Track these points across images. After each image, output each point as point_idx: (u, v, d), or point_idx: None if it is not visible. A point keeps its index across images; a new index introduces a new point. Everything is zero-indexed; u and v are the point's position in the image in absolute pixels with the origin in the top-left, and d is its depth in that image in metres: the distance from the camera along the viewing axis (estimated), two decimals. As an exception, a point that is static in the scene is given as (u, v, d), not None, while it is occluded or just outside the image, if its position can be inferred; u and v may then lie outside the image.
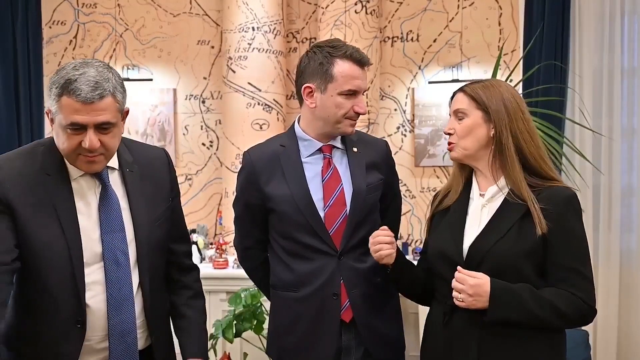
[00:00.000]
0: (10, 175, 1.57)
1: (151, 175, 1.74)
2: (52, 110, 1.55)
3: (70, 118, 1.50)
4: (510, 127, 1.72)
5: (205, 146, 4.45)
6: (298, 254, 1.97)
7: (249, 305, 3.10)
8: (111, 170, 1.68)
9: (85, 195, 1.63)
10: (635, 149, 3.74)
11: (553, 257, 1.66)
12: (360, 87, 1.94)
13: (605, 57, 3.74)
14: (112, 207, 1.64)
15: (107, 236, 1.62)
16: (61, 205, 1.58)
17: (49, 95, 1.56)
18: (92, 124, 1.52)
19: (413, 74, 4.32)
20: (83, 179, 1.63)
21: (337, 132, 1.98)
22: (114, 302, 1.62)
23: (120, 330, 1.64)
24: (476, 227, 1.74)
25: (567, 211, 1.67)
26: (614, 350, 3.74)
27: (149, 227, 1.69)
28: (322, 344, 1.96)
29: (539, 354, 1.67)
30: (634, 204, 3.76)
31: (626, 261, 3.76)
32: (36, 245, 1.56)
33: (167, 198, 1.79)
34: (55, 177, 1.60)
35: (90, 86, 1.50)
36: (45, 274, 1.58)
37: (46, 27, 4.35)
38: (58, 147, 1.59)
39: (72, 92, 1.49)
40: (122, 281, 1.64)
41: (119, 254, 1.63)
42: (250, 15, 4.00)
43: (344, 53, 1.92)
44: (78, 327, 1.60)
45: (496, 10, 4.22)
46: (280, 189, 1.97)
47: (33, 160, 1.62)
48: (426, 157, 4.26)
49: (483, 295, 1.63)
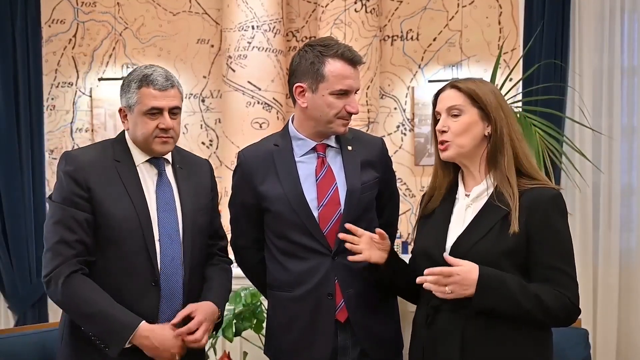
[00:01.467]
0: (88, 162, 1.89)
1: (196, 175, 2.06)
2: (129, 104, 1.91)
3: (150, 103, 1.87)
4: (507, 125, 1.71)
5: (205, 145, 4.44)
6: (293, 254, 1.97)
7: (249, 304, 3.10)
8: (166, 162, 2.00)
9: (146, 179, 1.95)
10: (636, 148, 3.73)
11: (537, 257, 1.65)
12: (352, 87, 1.92)
13: (606, 55, 3.73)
14: (166, 191, 1.96)
15: (163, 214, 1.92)
16: (130, 186, 1.90)
17: (125, 92, 1.92)
18: (167, 108, 1.90)
19: (413, 73, 4.32)
20: (144, 166, 1.96)
21: (329, 131, 1.97)
22: (166, 270, 1.90)
23: (169, 294, 1.92)
24: (460, 227, 1.73)
25: (551, 211, 1.66)
26: (613, 349, 3.73)
27: (194, 213, 1.98)
28: (317, 344, 1.95)
29: (524, 350, 1.66)
30: (634, 203, 3.75)
31: (626, 260, 3.75)
32: (112, 219, 1.86)
33: (209, 195, 2.09)
34: (124, 162, 1.93)
35: (163, 77, 1.91)
36: (123, 243, 1.87)
37: (45, 26, 4.34)
38: (136, 135, 1.93)
39: (150, 83, 1.88)
40: (174, 254, 1.92)
41: (171, 230, 1.92)
42: (250, 14, 4.00)
43: (336, 52, 1.90)
44: (153, 285, 1.89)
45: (496, 9, 4.22)
46: (274, 188, 1.96)
47: (104, 150, 1.96)
48: (426, 156, 4.26)
49: (470, 282, 1.61)
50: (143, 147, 1.95)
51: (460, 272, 1.61)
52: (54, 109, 4.41)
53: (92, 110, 4.35)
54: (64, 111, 4.42)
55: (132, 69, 1.97)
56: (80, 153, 1.97)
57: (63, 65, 4.42)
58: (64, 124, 4.42)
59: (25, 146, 3.98)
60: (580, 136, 3.71)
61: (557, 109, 3.54)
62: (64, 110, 4.42)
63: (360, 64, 1.95)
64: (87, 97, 4.39)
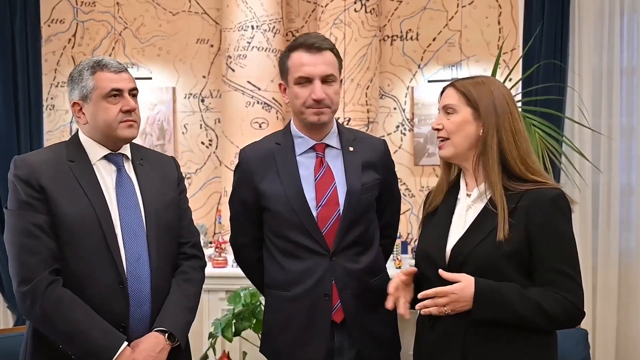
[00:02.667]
0: (38, 162, 1.81)
1: (159, 170, 1.99)
2: (84, 94, 1.83)
3: (109, 85, 1.82)
4: (496, 127, 1.67)
5: (205, 145, 4.44)
6: (291, 253, 1.97)
7: (248, 304, 3.10)
8: (125, 159, 1.92)
9: (104, 177, 1.87)
10: (635, 148, 3.73)
11: (539, 260, 1.62)
12: (311, 73, 1.92)
13: (605, 56, 3.73)
14: (126, 187, 1.88)
15: (124, 211, 1.84)
16: (87, 185, 1.82)
17: (77, 83, 1.85)
18: (126, 89, 1.85)
19: (412, 73, 4.32)
20: (101, 163, 1.88)
21: (306, 122, 1.97)
22: (132, 269, 1.82)
23: (137, 294, 1.83)
24: (461, 229, 1.71)
25: (552, 211, 1.62)
26: (612, 348, 3.74)
27: (157, 207, 1.90)
28: (313, 344, 1.95)
29: (526, 356, 1.63)
30: (633, 203, 3.75)
31: (625, 260, 3.76)
32: (69, 220, 1.77)
33: (175, 189, 2.01)
34: (78, 162, 1.85)
35: (115, 61, 1.87)
36: (81, 244, 1.78)
37: (45, 26, 4.34)
38: (97, 125, 1.84)
39: (105, 67, 1.84)
40: (140, 252, 1.84)
41: (136, 227, 1.85)
42: (250, 13, 4.00)
43: (296, 43, 1.96)
44: (120, 287, 1.80)
45: (496, 9, 4.22)
46: (274, 187, 1.96)
47: (57, 151, 1.88)
48: (425, 156, 4.26)
49: (467, 298, 1.60)
50: (106, 138, 1.86)
51: (456, 291, 1.60)
52: (54, 109, 4.41)
53: (92, 110, 4.35)
54: (63, 111, 4.42)
55: (76, 66, 1.90)
56: (30, 155, 1.88)
57: (62, 65, 4.42)
58: (63, 124, 4.42)
59: (25, 146, 3.97)
60: (579, 136, 3.71)
61: (556, 109, 3.54)
62: (63, 110, 4.41)
63: (323, 49, 1.93)
64: (87, 96, 4.39)
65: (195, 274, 2.00)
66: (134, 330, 1.83)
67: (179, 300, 1.90)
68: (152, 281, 1.85)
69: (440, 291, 1.61)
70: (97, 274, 1.78)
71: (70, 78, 1.88)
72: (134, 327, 1.83)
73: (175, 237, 1.97)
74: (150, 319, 1.86)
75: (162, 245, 1.89)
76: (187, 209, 2.07)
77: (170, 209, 1.95)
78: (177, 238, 1.97)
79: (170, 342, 1.84)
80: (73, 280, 1.77)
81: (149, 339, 1.81)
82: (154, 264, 1.86)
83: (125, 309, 1.81)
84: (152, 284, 1.85)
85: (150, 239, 1.86)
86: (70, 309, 1.74)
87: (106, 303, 1.78)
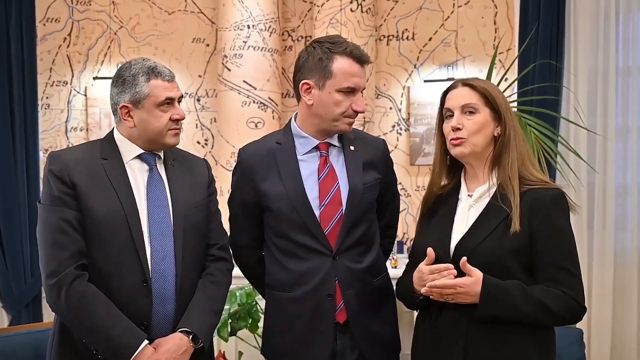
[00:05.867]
0: (72, 159, 1.84)
1: (190, 171, 2.00)
2: (137, 99, 1.84)
3: (164, 94, 1.84)
4: (514, 127, 1.74)
5: (200, 144, 4.43)
6: (293, 253, 1.95)
7: (244, 303, 3.09)
8: (158, 159, 1.94)
9: (136, 175, 1.88)
10: (630, 148, 3.74)
11: (541, 256, 1.66)
12: (359, 85, 1.91)
13: (601, 56, 3.74)
14: (156, 186, 1.90)
15: (153, 210, 1.85)
16: (117, 183, 1.84)
17: (129, 87, 1.84)
18: (177, 98, 1.89)
19: (408, 73, 4.32)
20: (134, 162, 1.90)
21: (334, 130, 1.95)
22: (158, 267, 1.83)
23: (161, 293, 1.83)
24: (464, 227, 1.73)
25: (553, 210, 1.67)
26: (608, 348, 3.75)
27: (186, 208, 1.91)
28: (316, 345, 1.93)
29: (526, 350, 1.66)
30: (628, 203, 3.76)
31: (620, 260, 3.77)
32: (97, 217, 1.80)
33: (205, 191, 2.01)
34: (111, 160, 1.87)
35: (167, 69, 1.89)
36: (108, 241, 1.80)
37: (40, 25, 4.32)
38: (146, 130, 1.86)
39: (159, 74, 1.85)
40: (166, 250, 1.85)
41: (163, 226, 1.85)
42: (246, 13, 3.99)
43: (344, 49, 1.89)
44: (144, 285, 1.80)
45: (491, 9, 4.22)
46: (276, 186, 1.94)
47: (92, 149, 1.91)
48: (421, 155, 4.27)
49: (473, 294, 1.63)
50: (150, 143, 1.89)
51: (464, 285, 1.63)
52: (49, 108, 4.40)
53: (87, 109, 4.34)
54: (58, 110, 4.40)
55: (125, 65, 1.90)
56: (65, 152, 1.93)
57: (58, 64, 4.40)
58: (59, 123, 4.41)
59: (20, 145, 3.96)
60: (575, 136, 3.72)
61: (552, 109, 3.55)
62: (59, 109, 4.40)
63: (368, 63, 1.94)
64: (82, 96, 4.38)
65: (222, 277, 1.99)
66: (156, 329, 1.83)
67: (205, 302, 1.90)
68: (177, 281, 1.85)
69: (448, 284, 1.64)
70: (122, 271, 1.80)
71: (121, 80, 1.86)
72: (156, 326, 1.83)
73: (203, 239, 1.96)
74: (174, 319, 1.86)
75: (189, 246, 1.89)
76: (217, 211, 2.06)
77: (199, 210, 1.95)
78: (205, 239, 1.97)
79: (194, 343, 1.84)
80: (99, 277, 1.79)
81: (173, 340, 1.82)
82: (180, 263, 1.86)
83: (148, 308, 1.82)
84: (176, 283, 1.85)
85: (177, 239, 1.86)
86: (93, 304, 1.76)
87: (130, 300, 1.79)
